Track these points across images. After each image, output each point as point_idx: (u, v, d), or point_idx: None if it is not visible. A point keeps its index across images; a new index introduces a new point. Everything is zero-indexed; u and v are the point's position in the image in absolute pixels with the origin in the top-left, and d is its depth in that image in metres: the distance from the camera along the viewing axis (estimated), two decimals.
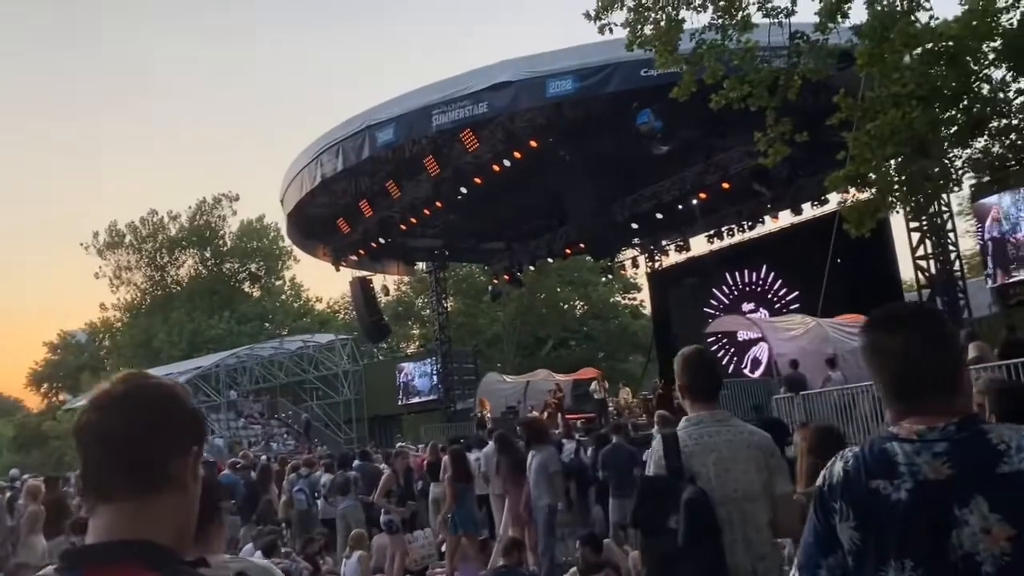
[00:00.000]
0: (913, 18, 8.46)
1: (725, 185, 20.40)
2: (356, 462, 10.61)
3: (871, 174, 9.03)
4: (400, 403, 34.78)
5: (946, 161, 9.80)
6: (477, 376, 33.94)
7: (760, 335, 25.26)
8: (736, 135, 20.08)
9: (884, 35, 8.11)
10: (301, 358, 37.31)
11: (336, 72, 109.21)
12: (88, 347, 62.47)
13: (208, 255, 51.63)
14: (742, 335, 26.05)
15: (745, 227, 25.91)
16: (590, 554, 6.09)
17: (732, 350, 26.79)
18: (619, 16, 9.13)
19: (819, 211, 24.00)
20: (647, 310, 47.62)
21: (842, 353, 17.07)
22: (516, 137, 18.31)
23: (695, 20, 9.12)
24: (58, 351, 63.88)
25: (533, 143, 18.02)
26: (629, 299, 47.32)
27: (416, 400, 34.46)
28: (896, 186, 9.43)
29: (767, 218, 25.34)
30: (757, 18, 9.03)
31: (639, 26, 9.08)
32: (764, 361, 25.73)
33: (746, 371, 25.45)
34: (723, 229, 26.54)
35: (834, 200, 23.65)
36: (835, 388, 12.04)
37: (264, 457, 19.86)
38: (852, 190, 9.85)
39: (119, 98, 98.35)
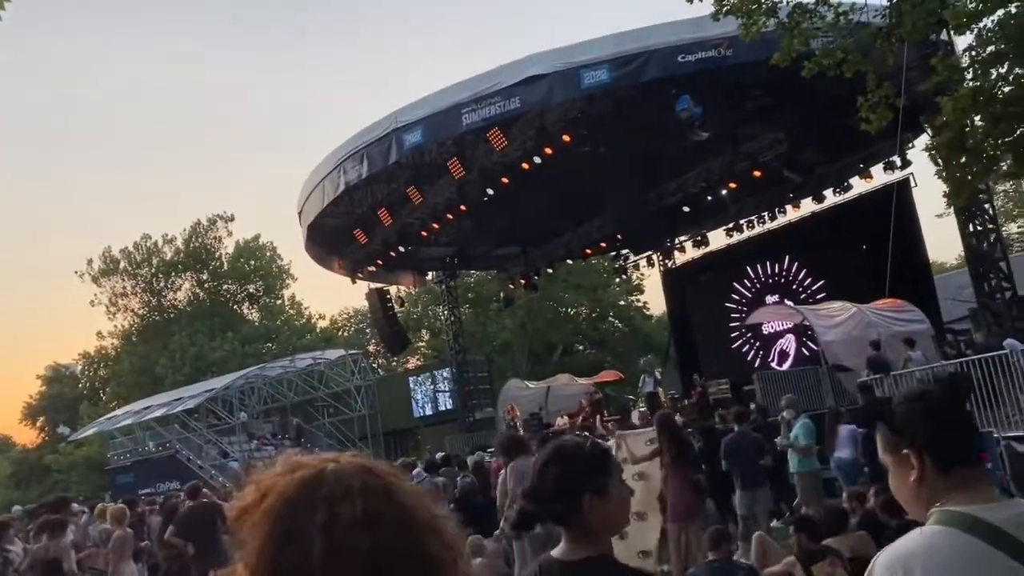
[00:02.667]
0: None
1: (757, 173, 20.03)
2: (442, 468, 10.12)
3: (971, 140, 8.62)
4: (417, 416, 34.19)
5: None
6: (491, 384, 33.45)
7: (789, 327, 25.10)
8: (764, 123, 19.88)
9: None
10: (311, 375, 36.59)
11: (335, 85, 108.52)
12: (83, 377, 61.42)
13: (205, 277, 50.80)
14: (767, 328, 25.73)
15: (765, 217, 25.63)
16: (807, 541, 5.60)
17: (757, 344, 26.46)
18: None
19: (840, 198, 23.84)
20: (651, 311, 47.48)
21: (886, 338, 16.77)
22: (547, 132, 17.86)
23: None
24: (52, 383, 62.76)
25: (566, 137, 17.58)
26: (633, 301, 46.93)
27: (431, 412, 33.92)
28: (1001, 151, 8.97)
29: (788, 208, 25.08)
30: None
31: None
32: (792, 354, 25.45)
33: (773, 364, 25.07)
34: (742, 222, 26.29)
35: (859, 185, 23.66)
36: (918, 368, 11.63)
37: None
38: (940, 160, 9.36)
39: (109, 121, 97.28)
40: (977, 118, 8.25)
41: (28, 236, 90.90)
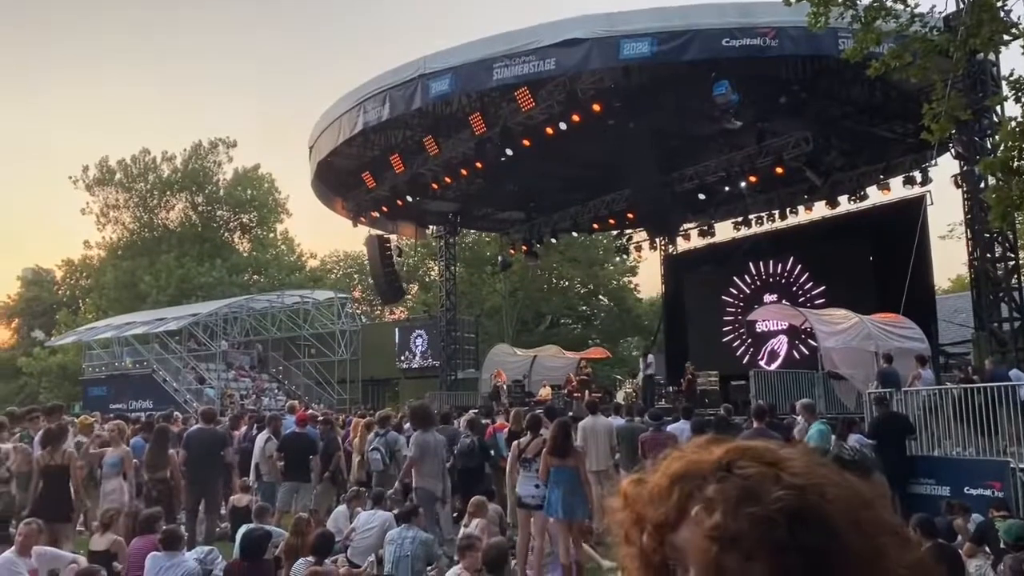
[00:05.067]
0: None
1: (779, 170, 19.79)
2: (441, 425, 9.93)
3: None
4: (399, 367, 34.05)
5: None
6: (477, 346, 33.32)
7: (783, 328, 25.06)
8: (793, 119, 19.59)
9: None
10: (296, 313, 36.35)
11: (360, 27, 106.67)
12: (64, 284, 60.78)
13: (200, 200, 50.14)
14: (761, 326, 25.66)
15: (776, 215, 25.45)
16: (923, 539, 5.44)
17: (749, 341, 26.41)
18: None
19: (855, 207, 23.67)
20: (641, 293, 47.43)
21: (882, 351, 16.68)
22: (577, 99, 17.49)
23: None
24: (31, 286, 62.09)
25: (596, 107, 17.22)
26: (626, 282, 46.80)
27: (414, 366, 33.78)
28: None
29: (800, 208, 24.89)
30: None
31: None
32: (782, 355, 25.44)
33: (762, 363, 25.05)
34: (751, 216, 26.10)
35: (874, 195, 23.51)
36: (925, 387, 11.54)
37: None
38: (992, 178, 9.16)
39: (127, 30, 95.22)
40: None
41: (29, 136, 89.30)
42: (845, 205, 23.80)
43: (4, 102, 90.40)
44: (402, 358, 33.99)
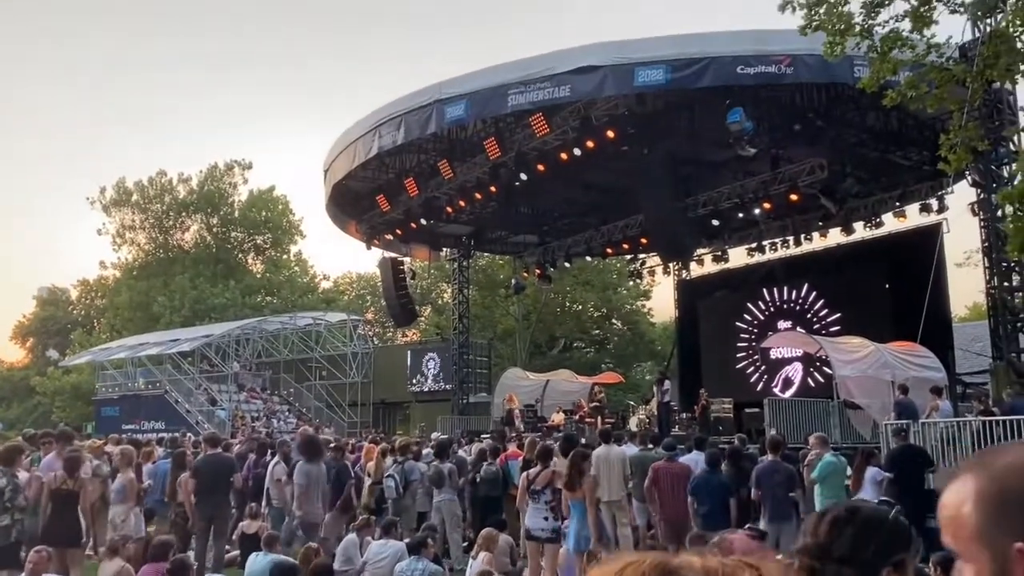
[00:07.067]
0: None
1: (794, 196, 19.72)
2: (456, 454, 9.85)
3: None
4: (411, 389, 33.96)
5: None
6: (490, 370, 33.19)
7: (798, 355, 24.84)
8: (808, 146, 19.54)
9: None
10: (308, 335, 36.40)
11: (376, 59, 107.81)
12: (79, 304, 61.20)
13: (215, 222, 50.49)
14: (775, 353, 25.45)
15: (790, 242, 25.34)
16: None
17: (763, 367, 26.21)
18: None
19: (870, 233, 23.52)
20: (655, 317, 47.19)
21: (899, 381, 16.48)
22: (591, 125, 17.53)
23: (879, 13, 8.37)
24: (47, 306, 62.53)
25: (610, 133, 17.25)
26: (639, 306, 46.65)
27: (426, 389, 33.69)
28: None
29: (815, 235, 24.78)
30: (943, 15, 8.35)
31: (818, 9, 8.32)
32: (797, 382, 25.20)
33: (776, 390, 24.81)
34: (765, 243, 26.00)
35: (890, 222, 23.37)
36: (943, 419, 11.37)
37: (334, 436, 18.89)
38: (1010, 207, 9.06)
39: (139, 54, 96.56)
40: None
41: (47, 158, 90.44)
42: (861, 232, 23.70)
43: (27, 117, 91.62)
44: (414, 381, 33.91)
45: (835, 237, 24.56)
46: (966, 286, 50.78)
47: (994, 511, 1.03)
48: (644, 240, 24.98)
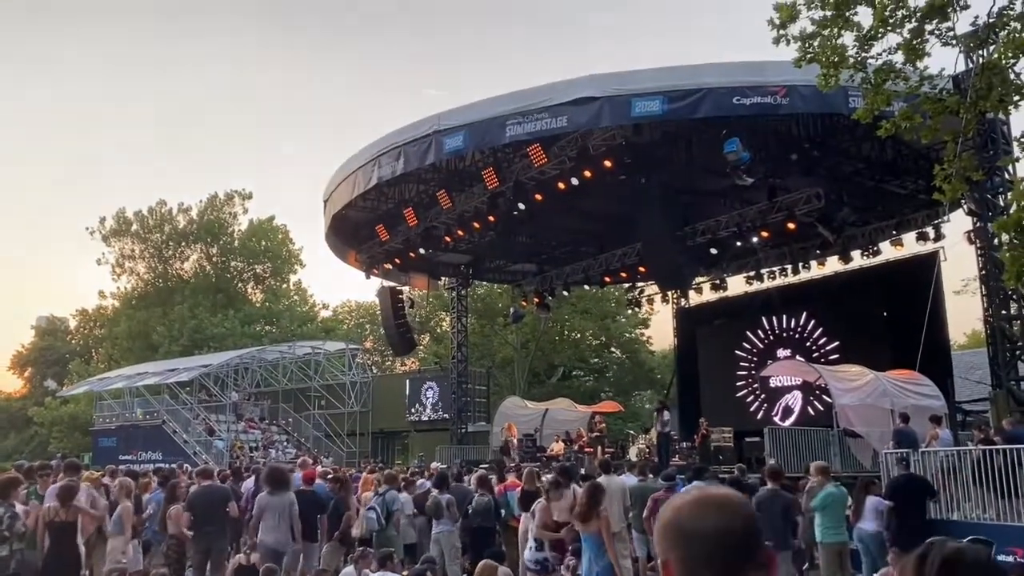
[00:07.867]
0: None
1: (791, 225, 19.82)
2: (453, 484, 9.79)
3: None
4: (409, 419, 33.84)
5: None
6: (488, 399, 33.11)
7: (797, 383, 24.79)
8: (804, 176, 19.68)
9: None
10: (307, 364, 36.32)
11: (365, 85, 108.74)
12: (77, 334, 61.12)
13: (215, 251, 50.62)
14: (775, 381, 25.42)
15: (788, 270, 25.44)
16: None
17: (763, 396, 26.16)
18: (797, 28, 8.47)
19: (867, 262, 23.61)
20: (654, 346, 47.17)
21: (898, 409, 16.46)
22: (589, 155, 17.66)
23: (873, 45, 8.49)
24: (45, 336, 62.47)
25: (608, 163, 17.37)
26: (638, 334, 46.66)
27: (424, 418, 33.58)
28: None
29: (813, 263, 24.86)
30: (935, 47, 8.47)
31: (811, 42, 8.44)
32: (796, 411, 25.14)
33: (776, 419, 24.73)
34: (764, 271, 26.08)
35: (887, 251, 23.47)
36: (944, 448, 11.34)
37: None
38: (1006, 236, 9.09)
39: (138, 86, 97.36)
40: None
41: (47, 188, 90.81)
42: (858, 260, 23.81)
43: (26, 147, 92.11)
44: (412, 410, 33.81)
45: (833, 265, 24.70)
46: (965, 314, 50.86)
47: None
48: (642, 268, 25.05)
